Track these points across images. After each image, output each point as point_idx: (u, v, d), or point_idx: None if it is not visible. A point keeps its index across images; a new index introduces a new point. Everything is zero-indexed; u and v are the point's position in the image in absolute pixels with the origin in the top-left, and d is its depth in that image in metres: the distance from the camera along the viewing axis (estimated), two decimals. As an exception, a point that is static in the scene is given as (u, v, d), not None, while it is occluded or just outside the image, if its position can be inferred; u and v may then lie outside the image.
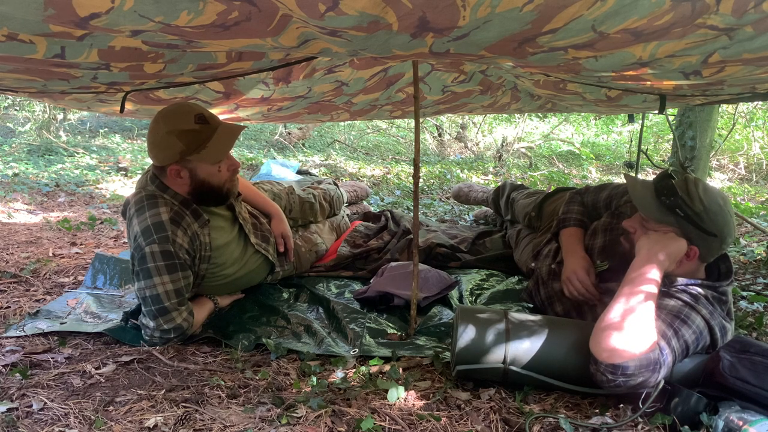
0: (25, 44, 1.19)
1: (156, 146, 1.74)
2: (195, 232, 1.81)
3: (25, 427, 1.30)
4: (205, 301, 1.97)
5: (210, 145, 1.73)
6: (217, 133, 1.75)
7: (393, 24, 1.08)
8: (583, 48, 1.24)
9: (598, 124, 10.36)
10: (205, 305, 1.95)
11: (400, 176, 5.94)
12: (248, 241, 2.08)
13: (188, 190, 1.80)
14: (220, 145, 1.75)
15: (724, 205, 1.52)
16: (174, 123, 1.70)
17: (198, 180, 1.78)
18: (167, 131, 1.69)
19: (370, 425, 1.32)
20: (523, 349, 1.50)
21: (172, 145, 1.70)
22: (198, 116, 1.73)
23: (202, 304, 1.94)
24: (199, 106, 1.79)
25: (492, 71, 2.34)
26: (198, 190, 1.80)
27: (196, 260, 1.84)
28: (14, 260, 2.54)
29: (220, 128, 1.78)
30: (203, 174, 1.78)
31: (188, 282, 1.80)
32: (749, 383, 1.36)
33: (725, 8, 1.00)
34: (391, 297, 2.11)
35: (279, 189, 2.67)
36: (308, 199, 2.76)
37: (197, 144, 1.72)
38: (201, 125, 1.72)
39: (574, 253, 1.91)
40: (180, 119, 1.71)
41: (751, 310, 2.23)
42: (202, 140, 1.72)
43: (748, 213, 4.50)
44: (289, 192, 2.69)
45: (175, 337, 1.77)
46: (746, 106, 7.11)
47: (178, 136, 1.69)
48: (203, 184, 1.79)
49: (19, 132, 6.60)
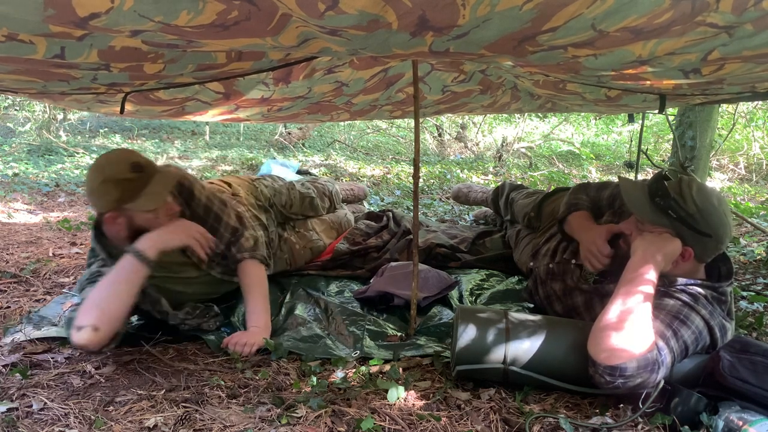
0: (25, 44, 1.19)
1: (92, 194, 1.74)
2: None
3: (25, 427, 1.30)
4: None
5: (145, 193, 1.72)
6: (153, 181, 1.74)
7: (393, 23, 1.08)
8: (582, 46, 1.24)
9: (598, 124, 10.36)
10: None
11: (400, 176, 5.94)
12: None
13: (126, 235, 1.78)
14: (155, 193, 1.74)
15: (718, 206, 1.51)
16: (109, 171, 1.70)
17: (135, 227, 1.77)
18: (103, 180, 1.69)
19: (370, 425, 1.32)
20: (523, 349, 1.50)
21: (108, 193, 1.70)
22: (133, 165, 1.72)
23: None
24: (136, 154, 1.78)
25: (492, 71, 2.34)
26: (136, 236, 1.77)
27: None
28: (14, 260, 2.54)
29: (157, 176, 1.76)
30: (140, 221, 1.76)
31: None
32: (749, 383, 1.36)
33: (725, 6, 1.00)
34: (391, 297, 2.11)
35: (279, 185, 2.67)
36: (308, 194, 2.77)
37: (132, 192, 1.71)
38: (136, 174, 1.71)
39: (588, 229, 1.85)
40: (115, 168, 1.70)
41: (751, 310, 2.23)
42: (137, 188, 1.72)
43: (748, 213, 4.50)
44: (290, 188, 2.69)
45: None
46: (746, 105, 7.11)
47: (113, 184, 1.69)
48: (140, 231, 1.77)
49: (19, 132, 6.60)
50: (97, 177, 1.70)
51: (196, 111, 2.42)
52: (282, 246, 2.48)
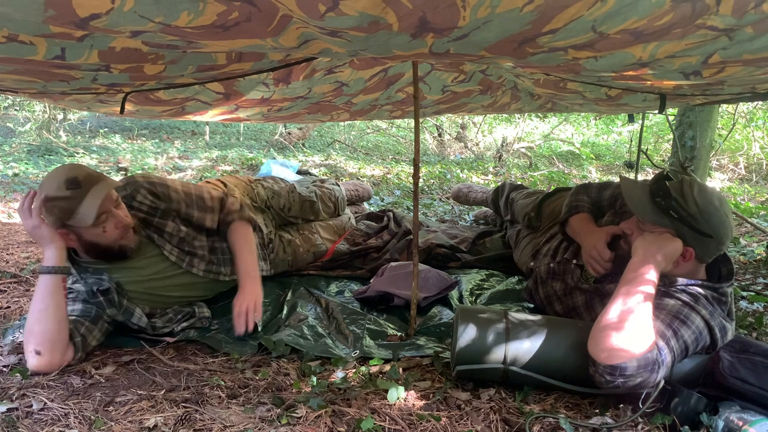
0: (26, 45, 1.19)
1: (44, 212, 1.70)
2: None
3: (25, 427, 1.30)
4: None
5: (81, 209, 1.68)
6: (88, 196, 1.70)
7: (393, 24, 1.08)
8: (583, 48, 1.24)
9: (598, 124, 10.36)
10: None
11: (400, 176, 5.94)
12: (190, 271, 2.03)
13: (83, 250, 1.78)
14: (88, 209, 1.69)
15: (719, 206, 1.52)
16: (47, 189, 1.67)
17: (86, 242, 1.75)
18: (44, 198, 1.67)
19: (370, 425, 1.32)
20: (523, 349, 1.50)
21: (50, 212, 1.68)
22: (68, 181, 1.67)
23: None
24: (76, 169, 1.73)
25: (492, 71, 2.34)
26: (91, 250, 1.78)
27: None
28: (14, 260, 2.55)
29: (92, 190, 1.71)
30: (89, 236, 1.74)
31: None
32: (749, 383, 1.36)
33: (725, 9, 1.00)
34: (391, 297, 2.11)
35: (280, 187, 2.67)
36: (309, 197, 2.76)
37: (68, 210, 1.68)
38: (71, 190, 1.67)
39: (590, 232, 1.86)
40: (53, 185, 1.67)
41: (751, 310, 2.23)
42: (73, 206, 1.68)
43: (748, 213, 4.50)
44: (290, 190, 2.69)
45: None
46: (746, 106, 7.11)
47: (52, 203, 1.66)
48: (93, 245, 1.77)
49: (19, 132, 6.60)
50: (39, 196, 1.67)
51: (196, 111, 2.42)
52: (285, 248, 2.49)
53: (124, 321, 1.81)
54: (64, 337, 1.60)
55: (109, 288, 1.79)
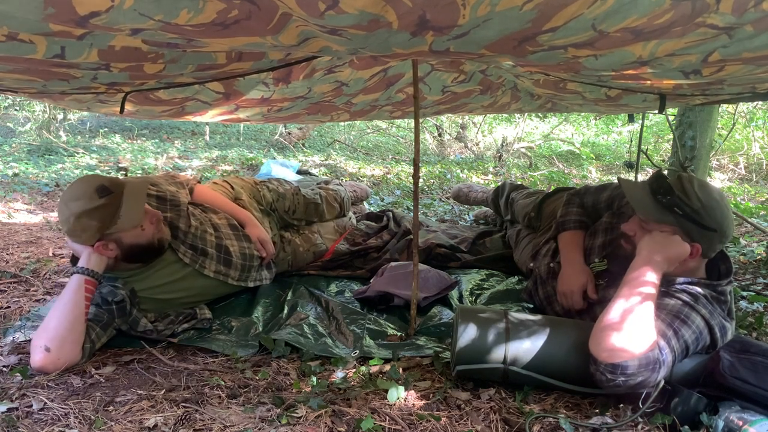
0: (25, 44, 1.19)
1: (72, 233, 1.68)
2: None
3: (25, 427, 1.30)
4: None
5: (123, 212, 1.69)
6: (125, 198, 1.71)
7: (393, 22, 1.08)
8: (582, 47, 1.24)
9: (598, 124, 10.36)
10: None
11: (400, 176, 5.94)
12: (203, 273, 2.02)
13: (123, 256, 1.77)
14: (133, 209, 1.71)
15: (720, 200, 1.53)
16: (79, 206, 1.64)
17: (126, 246, 1.75)
18: (77, 216, 1.64)
19: (370, 425, 1.32)
20: (523, 349, 1.50)
21: (88, 227, 1.66)
22: (99, 189, 1.67)
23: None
24: (98, 178, 1.73)
25: (492, 71, 2.34)
26: (129, 254, 1.77)
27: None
28: (14, 260, 2.54)
29: (126, 191, 1.72)
30: (129, 239, 1.74)
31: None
32: (749, 383, 1.36)
33: (725, 7, 1.00)
34: (391, 297, 2.10)
35: (285, 189, 2.66)
36: (314, 199, 2.76)
37: (110, 217, 1.68)
38: (106, 198, 1.67)
39: (572, 263, 1.90)
40: (83, 200, 1.65)
41: (751, 310, 2.23)
42: (113, 211, 1.68)
43: (748, 213, 4.50)
44: (295, 192, 2.68)
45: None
46: (746, 106, 7.11)
47: (88, 216, 1.65)
48: (133, 247, 1.76)
49: (19, 132, 6.61)
50: (70, 215, 1.65)
51: (196, 111, 2.41)
52: (285, 247, 2.48)
53: (128, 330, 1.81)
54: (77, 339, 1.60)
55: (123, 299, 1.79)
